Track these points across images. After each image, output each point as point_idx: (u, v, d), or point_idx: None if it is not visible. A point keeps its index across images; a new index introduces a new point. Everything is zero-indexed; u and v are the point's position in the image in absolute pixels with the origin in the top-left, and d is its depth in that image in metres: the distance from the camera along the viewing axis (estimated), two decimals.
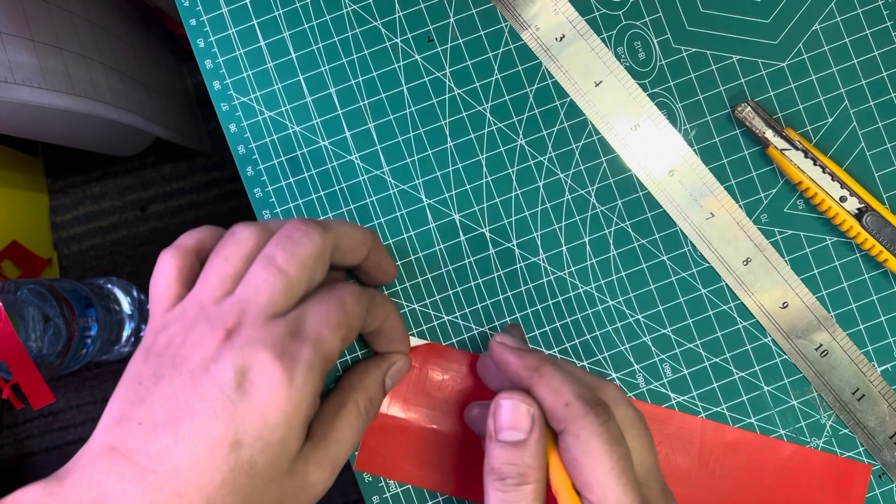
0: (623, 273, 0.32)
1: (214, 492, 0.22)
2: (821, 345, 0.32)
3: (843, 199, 0.30)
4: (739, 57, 0.31)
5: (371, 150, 0.32)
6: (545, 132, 0.32)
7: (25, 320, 0.50)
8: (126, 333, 0.65)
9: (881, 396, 0.31)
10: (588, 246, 0.32)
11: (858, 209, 0.30)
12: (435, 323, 0.32)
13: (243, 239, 0.25)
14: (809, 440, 0.32)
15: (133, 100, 0.58)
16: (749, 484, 0.32)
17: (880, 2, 0.31)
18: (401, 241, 0.32)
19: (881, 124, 0.31)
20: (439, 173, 0.32)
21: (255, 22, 0.31)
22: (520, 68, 0.31)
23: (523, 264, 0.32)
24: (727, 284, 0.32)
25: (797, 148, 0.30)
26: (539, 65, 0.31)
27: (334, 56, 0.32)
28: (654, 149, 0.31)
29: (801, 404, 0.32)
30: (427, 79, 0.32)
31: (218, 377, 0.23)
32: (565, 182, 0.32)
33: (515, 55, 0.31)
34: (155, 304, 0.26)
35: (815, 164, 0.30)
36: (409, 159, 0.32)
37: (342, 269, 0.30)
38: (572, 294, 0.32)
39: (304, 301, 0.25)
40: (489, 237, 0.32)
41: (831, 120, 0.31)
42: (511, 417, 0.25)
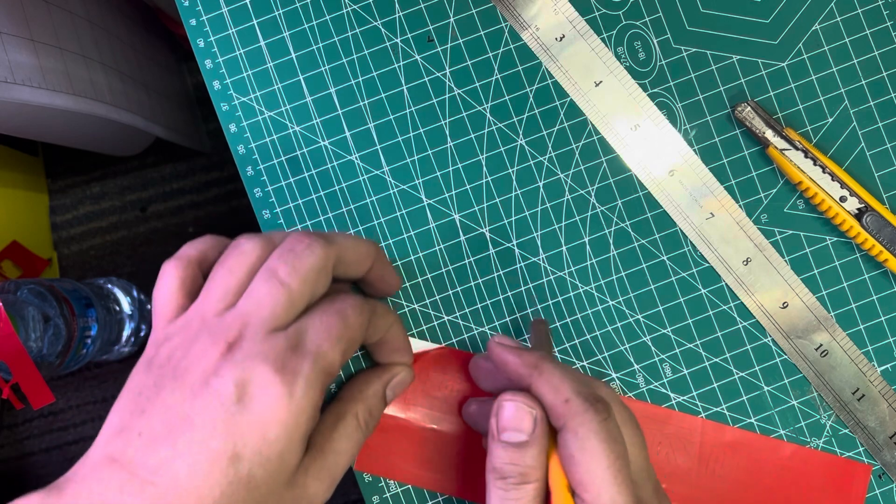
0: (623, 273, 0.32)
1: None
2: (821, 345, 0.32)
3: (843, 199, 0.30)
4: (739, 57, 0.31)
5: (371, 150, 0.32)
6: (545, 132, 0.32)
7: (25, 320, 0.50)
8: (126, 333, 0.65)
9: (881, 396, 0.31)
10: (588, 246, 0.32)
11: (858, 209, 0.30)
12: (435, 323, 0.32)
13: (247, 251, 0.25)
14: (809, 440, 0.32)
15: (133, 100, 0.58)
16: (749, 484, 0.32)
17: (880, 2, 0.31)
18: (401, 241, 0.32)
19: (881, 124, 0.31)
20: (439, 173, 0.32)
21: (255, 22, 0.31)
22: (520, 68, 0.31)
23: (523, 264, 0.32)
24: (727, 284, 0.32)
25: (797, 148, 0.30)
26: (539, 65, 0.31)
27: (334, 56, 0.32)
28: (654, 149, 0.31)
29: (801, 404, 0.32)
30: (427, 79, 0.32)
31: (218, 391, 0.23)
32: (565, 182, 0.32)
33: (515, 55, 0.31)
34: (157, 315, 0.26)
35: (815, 164, 0.30)
36: (409, 159, 0.32)
37: (346, 282, 0.30)
38: (572, 294, 0.32)
39: (306, 313, 0.25)
40: (489, 237, 0.32)
41: (831, 120, 0.31)
42: (514, 419, 0.25)
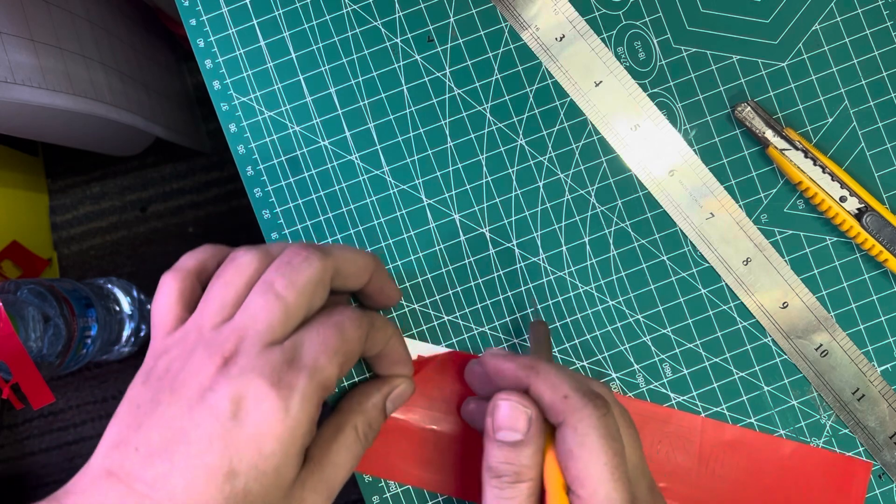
0: (623, 273, 0.32)
1: None
2: (821, 345, 0.32)
3: (843, 199, 0.30)
4: (739, 57, 0.31)
5: (371, 150, 0.32)
6: (545, 132, 0.32)
7: (25, 320, 0.50)
8: (126, 333, 0.65)
9: (881, 396, 0.31)
10: (588, 246, 0.32)
11: (858, 209, 0.30)
12: (435, 323, 0.32)
13: (244, 264, 0.25)
14: (809, 440, 0.32)
15: (133, 100, 0.58)
16: (749, 483, 0.32)
17: (880, 2, 0.31)
18: (401, 241, 0.32)
19: (881, 124, 0.31)
20: (439, 173, 0.32)
21: (255, 22, 0.31)
22: (520, 68, 0.31)
23: (523, 264, 0.32)
24: (727, 284, 0.32)
25: (797, 148, 0.30)
26: (539, 65, 0.31)
27: (334, 56, 0.32)
28: (654, 149, 0.31)
29: (801, 404, 0.32)
30: (427, 79, 0.32)
31: (214, 406, 0.23)
32: (565, 182, 0.32)
33: (515, 55, 0.31)
34: (156, 327, 0.26)
35: (815, 164, 0.30)
36: (409, 159, 0.32)
37: (345, 294, 0.30)
38: (572, 294, 0.32)
39: (303, 327, 0.25)
40: (489, 237, 0.32)
41: (831, 120, 0.31)
42: (508, 418, 0.25)
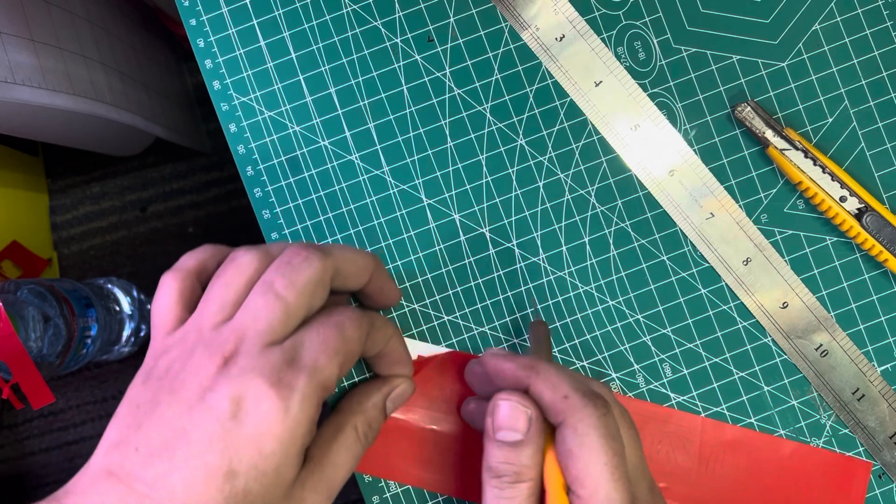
0: (623, 273, 0.32)
1: None
2: (821, 345, 0.32)
3: (843, 199, 0.30)
4: (739, 57, 0.31)
5: (371, 150, 0.32)
6: (545, 132, 0.32)
7: (25, 320, 0.50)
8: (126, 333, 0.65)
9: (881, 396, 0.31)
10: (588, 246, 0.32)
11: (858, 209, 0.30)
12: (435, 323, 0.32)
13: (244, 264, 0.25)
14: (809, 440, 0.32)
15: (133, 100, 0.58)
16: (749, 483, 0.32)
17: (880, 2, 0.31)
18: (401, 241, 0.32)
19: (881, 124, 0.31)
20: (439, 173, 0.32)
21: (255, 22, 0.31)
22: (520, 68, 0.31)
23: (523, 264, 0.32)
24: (727, 284, 0.32)
25: (797, 148, 0.30)
26: (539, 65, 0.31)
27: (334, 56, 0.32)
28: (654, 149, 0.31)
29: (801, 404, 0.32)
30: (427, 79, 0.32)
31: (213, 406, 0.23)
32: (565, 182, 0.32)
33: (515, 55, 0.31)
34: (156, 327, 0.26)
35: (815, 164, 0.30)
36: (409, 159, 0.32)
37: (345, 294, 0.30)
38: (572, 294, 0.32)
39: (303, 327, 0.25)
40: (489, 237, 0.32)
41: (831, 120, 0.31)
42: (508, 418, 0.25)
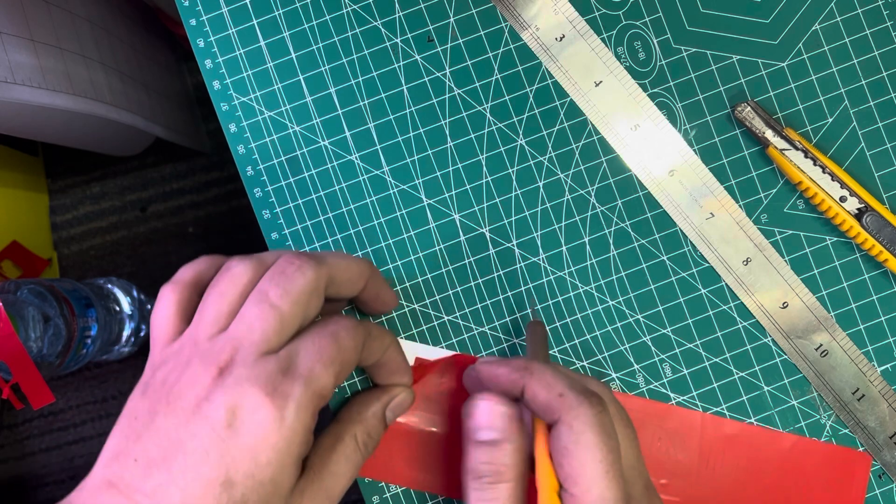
0: (623, 273, 0.32)
1: None
2: (821, 345, 0.32)
3: (843, 199, 0.30)
4: (739, 57, 0.31)
5: (371, 150, 0.32)
6: (545, 132, 0.32)
7: (25, 320, 0.50)
8: (126, 333, 0.65)
9: (881, 396, 0.31)
10: (588, 246, 0.32)
11: (858, 209, 0.30)
12: (435, 323, 0.32)
13: (237, 274, 0.26)
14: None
15: (133, 100, 0.58)
16: (750, 478, 0.32)
17: (880, 2, 0.31)
18: (401, 241, 0.32)
19: (881, 124, 0.31)
20: (439, 173, 0.32)
21: (255, 22, 0.31)
22: (520, 68, 0.31)
23: (523, 264, 0.32)
24: (727, 284, 0.32)
25: (797, 148, 0.30)
26: (539, 65, 0.31)
27: (334, 56, 0.32)
28: (654, 149, 0.31)
29: (801, 404, 0.32)
30: (427, 79, 0.32)
31: (209, 416, 0.23)
32: (565, 182, 0.32)
33: (515, 55, 0.31)
34: (155, 339, 0.26)
35: (815, 164, 0.30)
36: (409, 159, 0.32)
37: (341, 301, 0.30)
38: (572, 294, 0.32)
39: (298, 336, 0.25)
40: (489, 237, 0.32)
41: (831, 120, 0.31)
42: (486, 417, 0.25)
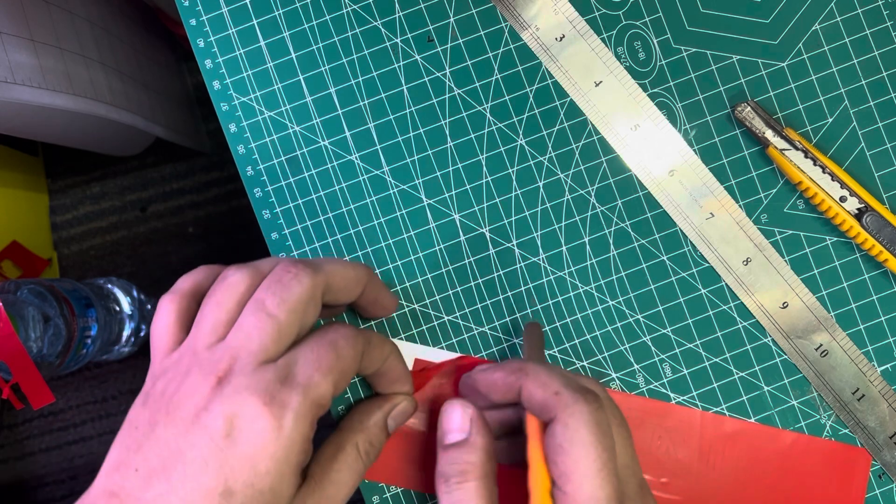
0: (623, 273, 0.32)
1: None
2: (821, 345, 0.32)
3: (843, 199, 0.30)
4: (739, 57, 0.31)
5: (371, 150, 0.32)
6: (545, 132, 0.32)
7: (25, 320, 0.50)
8: (126, 333, 0.65)
9: (881, 396, 0.31)
10: (588, 246, 0.32)
11: (858, 209, 0.30)
12: (435, 323, 0.32)
13: (234, 283, 0.26)
14: None
15: (133, 100, 0.58)
16: (750, 477, 0.32)
17: (880, 2, 0.31)
18: (401, 241, 0.32)
19: (881, 124, 0.31)
20: (439, 173, 0.32)
21: (255, 22, 0.31)
22: (520, 68, 0.31)
23: (523, 264, 0.32)
24: (727, 284, 0.32)
25: (797, 148, 0.30)
26: (539, 65, 0.31)
27: (334, 56, 0.32)
28: (654, 149, 0.31)
29: (801, 404, 0.32)
30: (427, 79, 0.32)
31: (208, 425, 0.23)
32: (565, 182, 0.32)
33: (515, 55, 0.31)
34: (155, 350, 0.26)
35: (815, 164, 0.30)
36: (409, 159, 0.32)
37: (339, 307, 0.30)
38: (572, 294, 0.32)
39: (297, 345, 0.25)
40: (489, 237, 0.32)
41: (831, 120, 0.31)
42: (452, 421, 0.26)
